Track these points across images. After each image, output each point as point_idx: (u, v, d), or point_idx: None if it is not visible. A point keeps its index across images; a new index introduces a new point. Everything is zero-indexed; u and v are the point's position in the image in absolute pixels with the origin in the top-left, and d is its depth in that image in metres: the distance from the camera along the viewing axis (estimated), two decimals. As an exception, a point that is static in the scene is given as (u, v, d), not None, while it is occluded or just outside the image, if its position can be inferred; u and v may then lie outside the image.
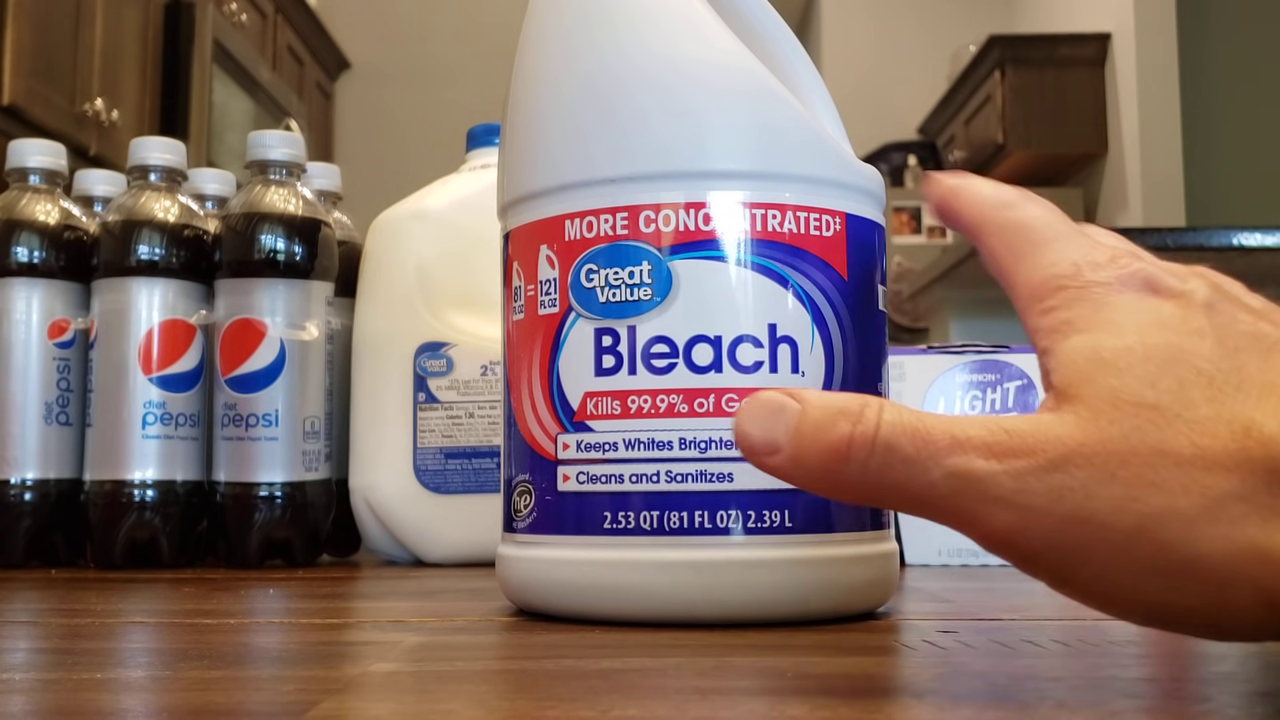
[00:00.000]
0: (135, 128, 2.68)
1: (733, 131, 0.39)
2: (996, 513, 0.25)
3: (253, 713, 0.25)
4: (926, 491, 0.25)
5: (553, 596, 0.40)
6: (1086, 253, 0.28)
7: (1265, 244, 2.21)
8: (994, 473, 0.25)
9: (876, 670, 0.29)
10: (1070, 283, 0.27)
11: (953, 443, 0.25)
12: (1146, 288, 0.26)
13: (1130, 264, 0.27)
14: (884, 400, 0.27)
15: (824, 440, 0.27)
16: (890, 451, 0.26)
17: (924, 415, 0.26)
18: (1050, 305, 0.27)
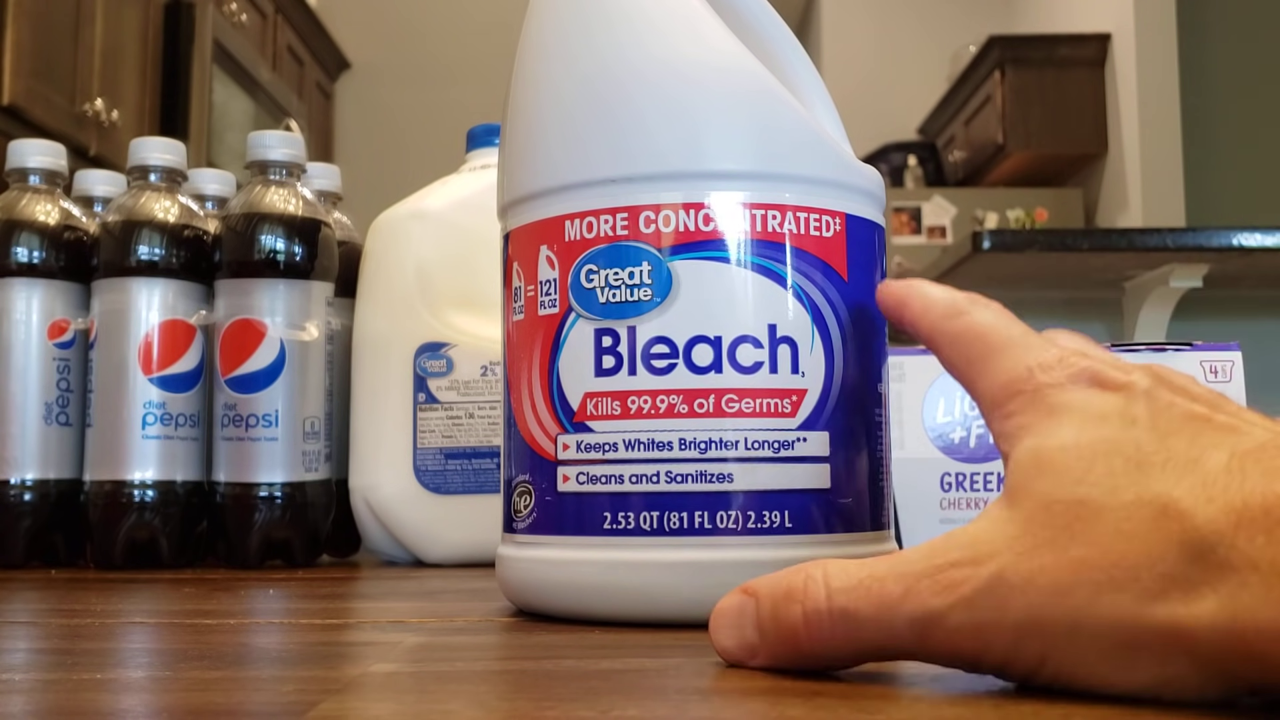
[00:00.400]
0: (135, 128, 2.68)
1: (732, 132, 0.39)
2: (961, 641, 0.26)
3: (253, 713, 0.25)
4: (896, 642, 0.27)
5: (553, 596, 0.40)
6: (1038, 355, 0.29)
7: (1265, 244, 2.20)
8: (949, 605, 0.26)
9: (876, 670, 0.29)
10: (1024, 386, 0.29)
11: (905, 591, 0.26)
12: (1094, 383, 0.28)
13: (1078, 362, 0.28)
14: (828, 564, 0.28)
15: (784, 628, 0.28)
16: (848, 619, 0.27)
17: (873, 567, 0.27)
18: (1009, 410, 0.29)
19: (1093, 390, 0.28)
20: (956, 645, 0.26)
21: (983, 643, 0.26)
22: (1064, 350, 0.29)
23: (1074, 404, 0.27)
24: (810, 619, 0.28)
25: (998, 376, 0.30)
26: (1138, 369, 0.28)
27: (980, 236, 2.28)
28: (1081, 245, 2.33)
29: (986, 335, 0.31)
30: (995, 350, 0.30)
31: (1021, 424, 0.28)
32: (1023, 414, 0.28)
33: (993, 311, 0.32)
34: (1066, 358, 0.29)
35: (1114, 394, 0.27)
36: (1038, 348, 0.30)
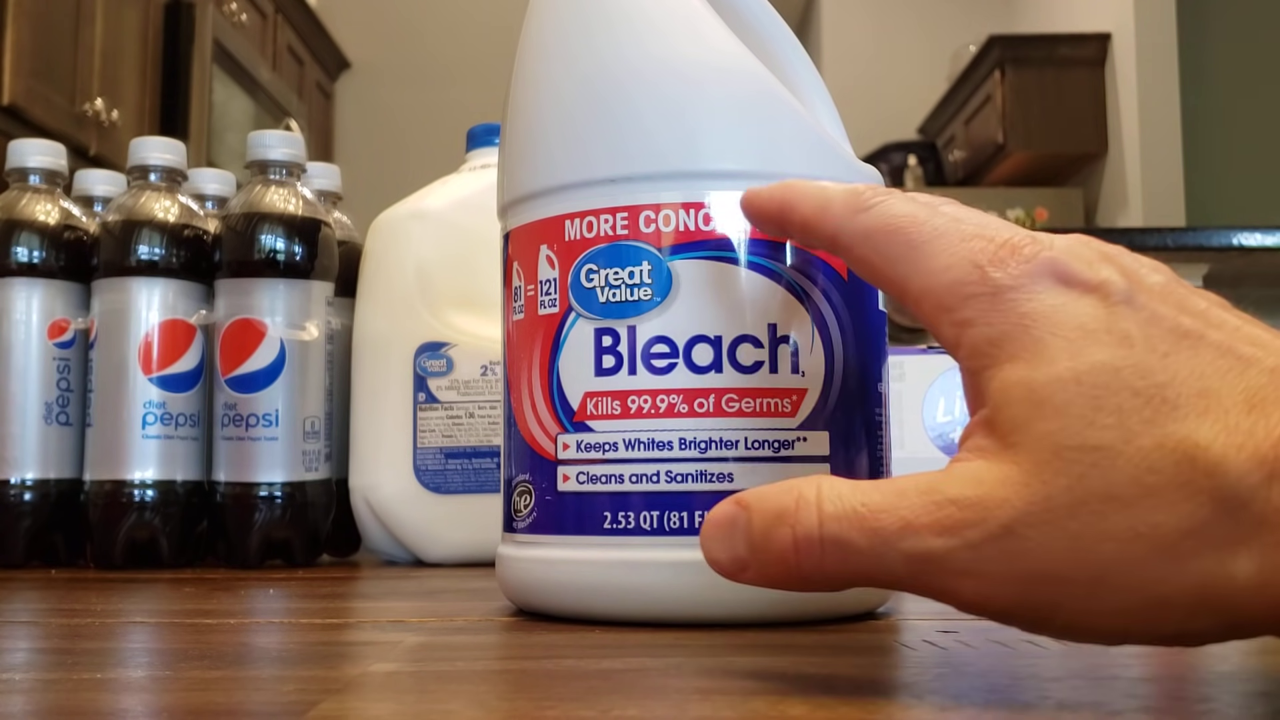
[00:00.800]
0: (135, 128, 2.68)
1: (732, 132, 0.39)
2: (961, 583, 0.25)
3: (253, 713, 0.25)
4: (889, 575, 0.25)
5: (553, 596, 0.40)
6: (978, 249, 0.26)
7: (1265, 244, 2.21)
8: (950, 548, 0.24)
9: (876, 670, 0.29)
10: (978, 288, 0.26)
11: (903, 527, 0.25)
12: (1058, 279, 0.25)
13: (1035, 253, 0.25)
14: (821, 484, 0.26)
15: (774, 550, 0.27)
16: (841, 547, 0.26)
17: (867, 494, 0.26)
18: (965, 317, 0.26)
19: (1063, 290, 0.25)
20: (956, 589, 0.25)
21: (987, 590, 0.24)
22: (1010, 238, 0.26)
23: (1048, 312, 0.25)
24: (801, 544, 0.26)
25: (938, 276, 0.26)
26: (1102, 261, 0.25)
27: (980, 236, 2.28)
28: (1081, 245, 2.32)
29: (906, 228, 0.28)
30: (922, 243, 0.27)
31: (987, 336, 0.25)
32: (984, 321, 0.25)
33: (902, 199, 0.28)
34: (1018, 247, 0.26)
35: (1088, 297, 0.25)
36: (975, 237, 0.26)
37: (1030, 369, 0.24)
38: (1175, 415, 0.23)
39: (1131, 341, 0.24)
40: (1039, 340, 0.24)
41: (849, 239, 0.29)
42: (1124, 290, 0.25)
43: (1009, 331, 0.25)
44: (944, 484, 0.25)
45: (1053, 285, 0.25)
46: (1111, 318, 0.24)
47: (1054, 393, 0.24)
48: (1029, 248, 0.26)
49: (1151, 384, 0.23)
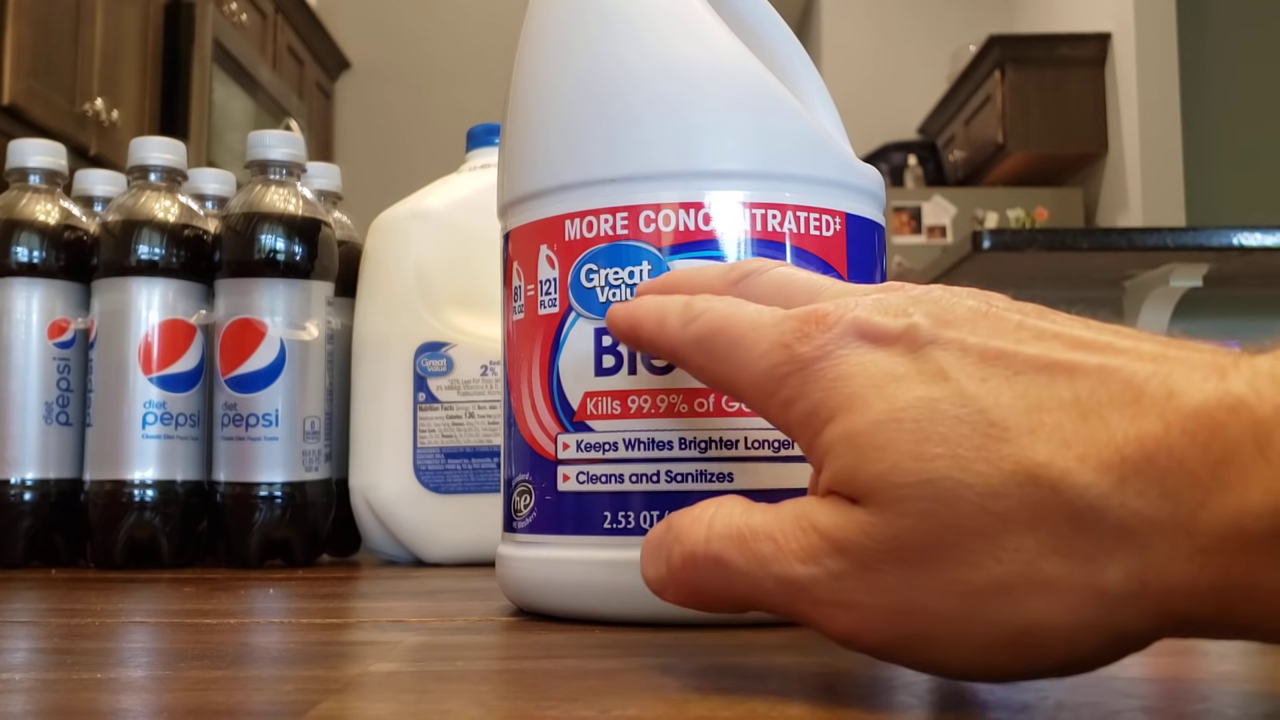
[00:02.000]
0: (135, 128, 2.68)
1: (732, 132, 0.39)
2: (830, 614, 0.24)
3: (253, 713, 0.25)
4: (768, 599, 0.25)
5: (553, 596, 0.40)
6: (784, 329, 0.26)
7: (1265, 244, 2.21)
8: (815, 576, 0.24)
9: (876, 670, 0.29)
10: (790, 367, 0.26)
11: (775, 549, 0.25)
12: (864, 339, 0.25)
13: (838, 319, 0.25)
14: (721, 505, 0.27)
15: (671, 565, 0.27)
16: (721, 566, 0.26)
17: (754, 516, 0.26)
18: (785, 396, 0.26)
19: (868, 347, 0.25)
20: (828, 619, 0.24)
21: (857, 622, 0.24)
22: (814, 310, 0.26)
23: (857, 370, 0.24)
24: (686, 561, 0.26)
25: (756, 364, 0.27)
26: (910, 303, 0.25)
27: (980, 236, 2.28)
28: (1081, 245, 2.33)
29: (725, 328, 0.28)
30: (740, 338, 0.28)
31: (809, 409, 0.25)
32: (803, 396, 0.25)
33: (723, 302, 0.29)
34: (821, 318, 0.26)
35: (895, 347, 0.24)
36: (786, 318, 0.26)
37: (849, 421, 0.24)
38: (1006, 437, 0.22)
39: (945, 375, 0.23)
40: (852, 395, 0.24)
41: (684, 351, 0.30)
42: (929, 331, 0.24)
43: (824, 399, 0.25)
44: (816, 511, 0.24)
45: (859, 344, 0.25)
46: (920, 360, 0.24)
47: (873, 436, 0.23)
48: (833, 314, 0.26)
49: (973, 409, 0.23)
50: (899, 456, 0.23)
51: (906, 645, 0.24)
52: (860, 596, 0.24)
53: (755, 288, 0.31)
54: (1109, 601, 0.21)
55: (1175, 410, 0.21)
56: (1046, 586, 0.22)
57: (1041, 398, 0.22)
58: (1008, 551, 0.22)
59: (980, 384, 0.23)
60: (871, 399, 0.24)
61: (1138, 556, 0.21)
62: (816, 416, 0.25)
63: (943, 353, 0.24)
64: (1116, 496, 0.21)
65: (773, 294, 0.30)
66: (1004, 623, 0.22)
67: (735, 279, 0.32)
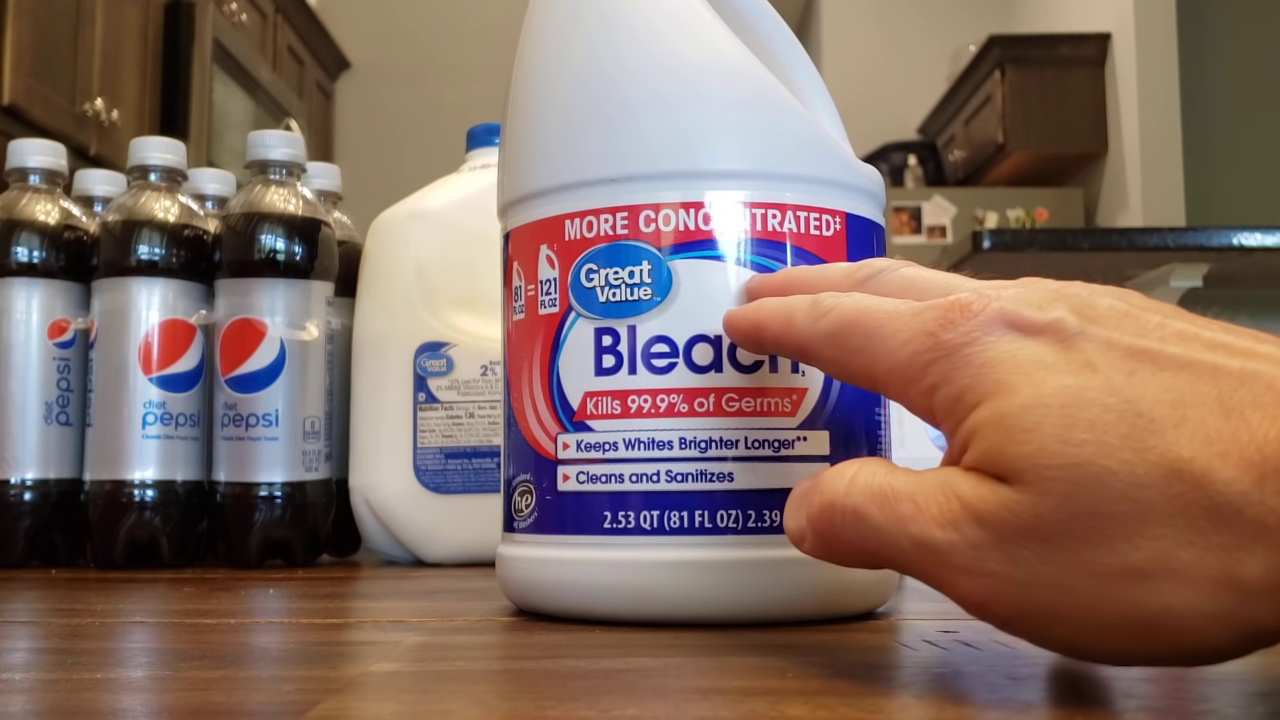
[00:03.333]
0: (135, 128, 2.68)
1: (732, 132, 0.39)
2: (964, 580, 0.25)
3: (253, 713, 0.25)
4: (902, 558, 0.26)
5: (553, 596, 0.40)
6: (929, 317, 0.27)
7: (1265, 244, 2.21)
8: (953, 542, 0.25)
9: (876, 670, 0.29)
10: (935, 354, 0.26)
11: (915, 511, 0.25)
12: (1010, 328, 0.25)
13: (982, 307, 0.26)
14: (865, 463, 0.27)
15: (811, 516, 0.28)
16: (860, 520, 0.27)
17: (898, 477, 0.26)
18: (929, 383, 0.26)
19: (1015, 336, 0.25)
20: (958, 584, 0.25)
21: (988, 591, 0.24)
22: (958, 298, 0.26)
23: (1005, 357, 0.25)
24: (824, 510, 0.27)
25: (898, 353, 0.27)
26: (1052, 299, 0.26)
27: (980, 236, 2.28)
28: (1081, 245, 2.33)
29: (860, 320, 0.29)
30: (877, 328, 0.28)
31: (953, 393, 0.26)
32: (950, 381, 0.26)
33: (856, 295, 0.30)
34: (965, 306, 0.26)
35: (1041, 337, 0.25)
36: (926, 308, 0.27)
37: (997, 403, 0.25)
38: (1152, 429, 0.23)
39: (1094, 367, 0.24)
40: (1001, 381, 0.25)
41: (815, 346, 0.31)
42: (1076, 325, 0.25)
43: (971, 384, 0.25)
44: (959, 481, 0.25)
45: (1006, 333, 0.25)
46: (1069, 351, 0.24)
47: (1021, 418, 0.24)
48: (977, 303, 0.26)
49: (1121, 400, 0.23)
50: (1046, 439, 0.23)
51: (1036, 619, 0.24)
52: (995, 566, 0.24)
53: (883, 285, 0.31)
54: (1244, 594, 0.22)
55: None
56: (1182, 575, 0.22)
57: (1186, 394, 0.23)
58: (1147, 539, 0.22)
59: (1128, 377, 0.23)
60: (1020, 385, 0.24)
61: (1275, 553, 0.21)
62: (963, 401, 0.25)
63: (1090, 345, 0.24)
64: (1256, 494, 0.21)
65: (903, 290, 0.31)
66: (1135, 606, 0.23)
67: (863, 277, 0.32)
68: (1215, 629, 0.22)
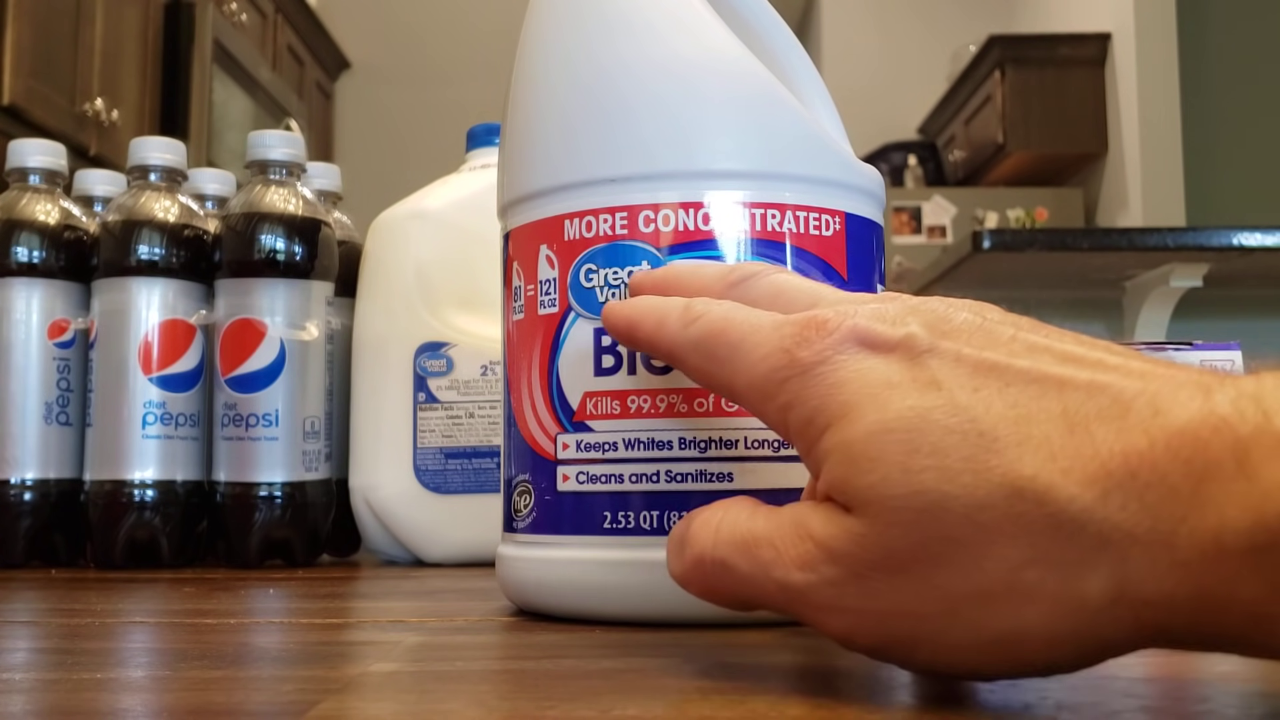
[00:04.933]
0: (135, 128, 2.68)
1: (732, 131, 0.39)
2: (828, 618, 0.25)
3: (253, 713, 0.25)
4: (772, 602, 0.26)
5: (553, 596, 0.40)
6: (787, 334, 0.27)
7: (1265, 244, 2.21)
8: (812, 583, 0.25)
9: (876, 670, 0.29)
10: (789, 371, 0.26)
11: (775, 556, 0.26)
12: (863, 345, 0.25)
13: (837, 325, 0.26)
14: (729, 508, 0.28)
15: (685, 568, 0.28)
16: (729, 571, 0.27)
17: (757, 520, 0.27)
18: (783, 401, 0.26)
19: (866, 354, 0.25)
20: (825, 622, 0.25)
21: (851, 625, 0.25)
22: (815, 315, 0.27)
23: (854, 376, 0.25)
24: (695, 563, 0.28)
25: (755, 369, 0.27)
26: (906, 314, 0.26)
27: (980, 236, 2.28)
28: (1081, 245, 2.33)
29: (725, 330, 0.29)
30: (740, 341, 0.28)
31: (804, 414, 0.26)
32: (801, 401, 0.26)
33: (725, 307, 0.30)
34: (821, 324, 0.26)
35: (892, 355, 0.25)
36: (786, 323, 0.27)
37: (844, 430, 0.25)
38: (995, 448, 0.22)
39: (939, 385, 0.24)
40: (848, 403, 0.25)
41: (683, 352, 0.31)
42: (926, 341, 0.25)
43: (821, 404, 0.25)
44: (811, 518, 0.25)
45: (858, 351, 0.25)
46: (916, 368, 0.24)
47: (866, 446, 0.24)
48: (833, 320, 0.26)
49: (964, 420, 0.23)
50: (889, 468, 0.23)
51: (897, 646, 0.25)
52: (853, 602, 0.24)
53: (753, 291, 0.31)
54: (1087, 611, 0.22)
55: (1160, 427, 0.21)
56: (1026, 595, 0.22)
57: (1031, 410, 0.23)
58: (991, 561, 0.22)
59: (972, 394, 0.23)
60: (866, 407, 0.24)
61: (1117, 568, 0.21)
62: (813, 424, 0.26)
63: (938, 362, 0.24)
64: (1099, 509, 0.21)
65: (771, 299, 0.31)
66: (985, 628, 0.23)
67: (734, 281, 0.32)
68: (1061, 645, 0.23)
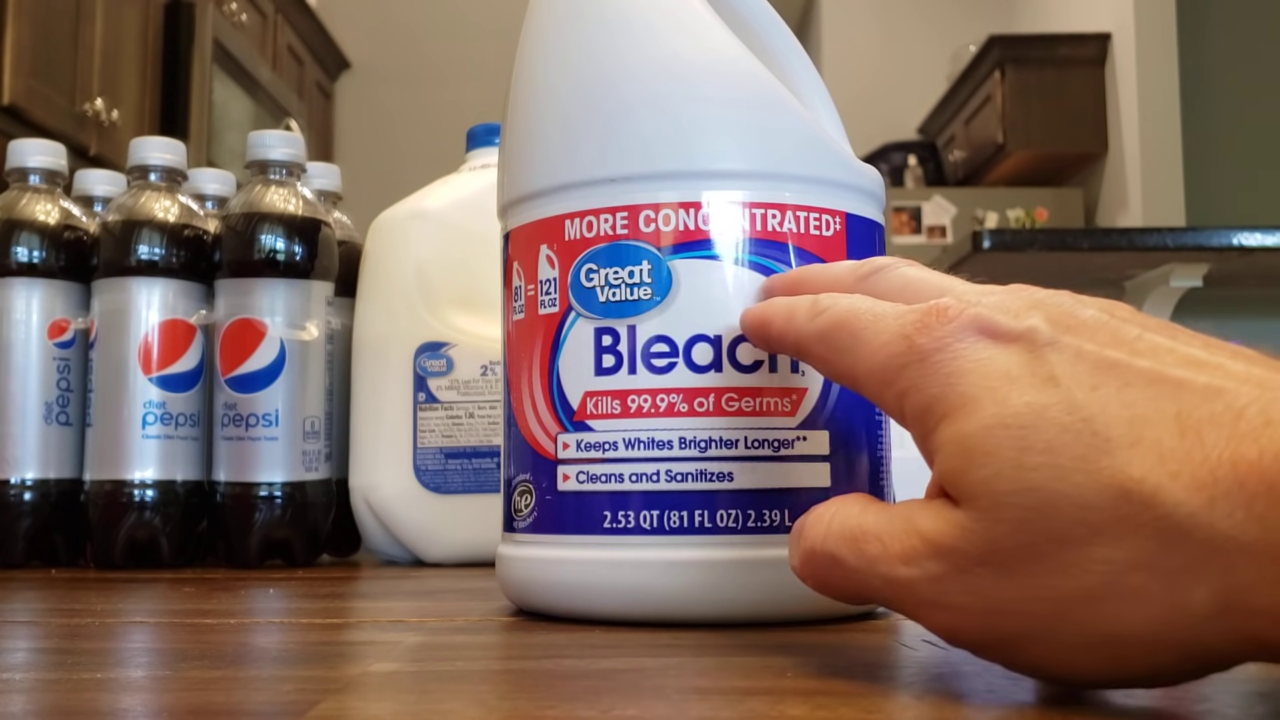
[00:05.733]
0: (135, 128, 2.68)
1: (732, 132, 0.39)
2: (932, 613, 0.26)
3: (253, 713, 0.25)
4: (878, 596, 0.27)
5: (553, 596, 0.40)
6: (908, 321, 0.27)
7: (1265, 244, 2.21)
8: (916, 579, 0.25)
9: (876, 670, 0.29)
10: (908, 358, 0.26)
11: (881, 550, 0.26)
12: (983, 334, 0.25)
13: (958, 313, 0.26)
14: (842, 504, 0.28)
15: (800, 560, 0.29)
16: (838, 564, 0.27)
17: (868, 517, 0.27)
18: (901, 388, 0.27)
19: (986, 344, 0.25)
20: (928, 617, 0.26)
21: (955, 622, 0.25)
22: (938, 303, 0.27)
23: (973, 367, 0.25)
24: (806, 556, 0.29)
25: (876, 355, 0.28)
26: (1030, 307, 0.26)
27: (980, 236, 2.28)
28: (1081, 245, 2.33)
29: (849, 321, 0.29)
30: (862, 330, 0.29)
31: (922, 402, 0.26)
32: (919, 389, 0.26)
33: (848, 298, 0.30)
34: (942, 311, 0.26)
35: (1013, 346, 0.25)
36: (905, 315, 0.27)
37: (961, 423, 0.25)
38: (1107, 448, 0.22)
39: (1056, 381, 0.24)
40: (966, 395, 0.25)
41: (809, 344, 0.31)
42: (1048, 334, 0.25)
43: (939, 393, 0.26)
44: (919, 515, 0.26)
45: (978, 340, 0.25)
46: (1035, 362, 0.24)
47: (981, 441, 0.24)
48: (954, 308, 0.26)
49: (1079, 418, 0.23)
50: (1002, 464, 0.24)
51: (1002, 645, 0.25)
52: (957, 598, 0.25)
53: (882, 284, 0.32)
54: (1191, 619, 0.22)
55: (1271, 438, 0.21)
56: (1132, 598, 0.22)
57: (1146, 411, 0.23)
58: (1097, 562, 0.22)
59: (1090, 392, 0.23)
60: (984, 400, 0.24)
61: (1224, 577, 0.21)
62: (930, 413, 0.26)
63: (1058, 357, 0.24)
64: (1205, 516, 0.21)
65: (899, 290, 0.31)
66: (1091, 629, 0.23)
67: (863, 275, 0.33)
68: (1164, 652, 0.23)
